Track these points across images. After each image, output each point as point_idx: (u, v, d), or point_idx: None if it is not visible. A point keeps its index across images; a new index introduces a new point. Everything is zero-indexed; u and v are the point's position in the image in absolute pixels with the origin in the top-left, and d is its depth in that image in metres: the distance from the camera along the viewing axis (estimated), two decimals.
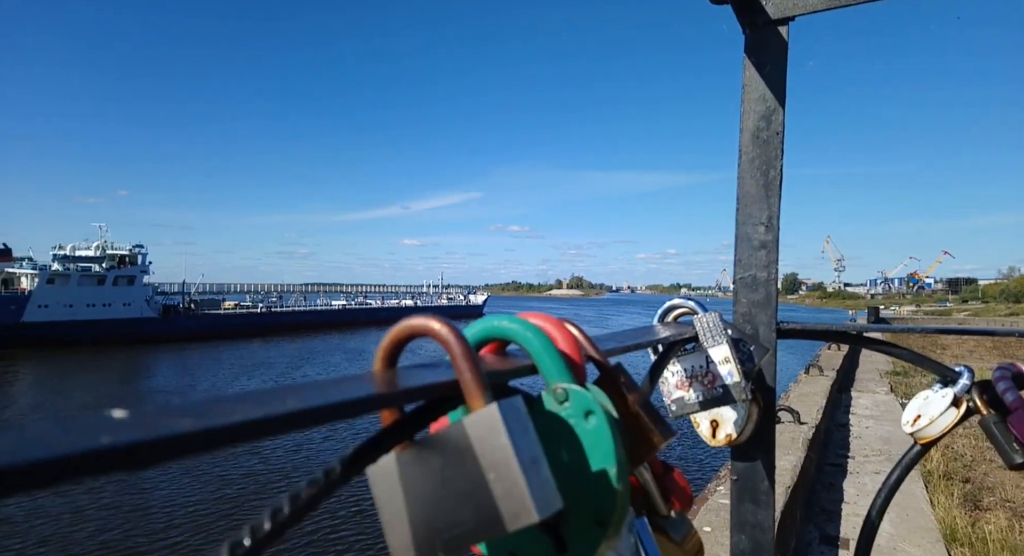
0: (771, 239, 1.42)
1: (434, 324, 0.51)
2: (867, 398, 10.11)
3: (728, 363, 1.16)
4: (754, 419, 1.38)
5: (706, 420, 1.42)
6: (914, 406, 1.37)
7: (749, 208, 1.43)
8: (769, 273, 1.42)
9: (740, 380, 1.15)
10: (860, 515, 5.24)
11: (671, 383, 1.20)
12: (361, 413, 0.43)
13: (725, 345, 1.17)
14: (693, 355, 1.19)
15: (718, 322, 1.19)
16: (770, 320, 1.41)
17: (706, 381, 1.17)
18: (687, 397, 1.18)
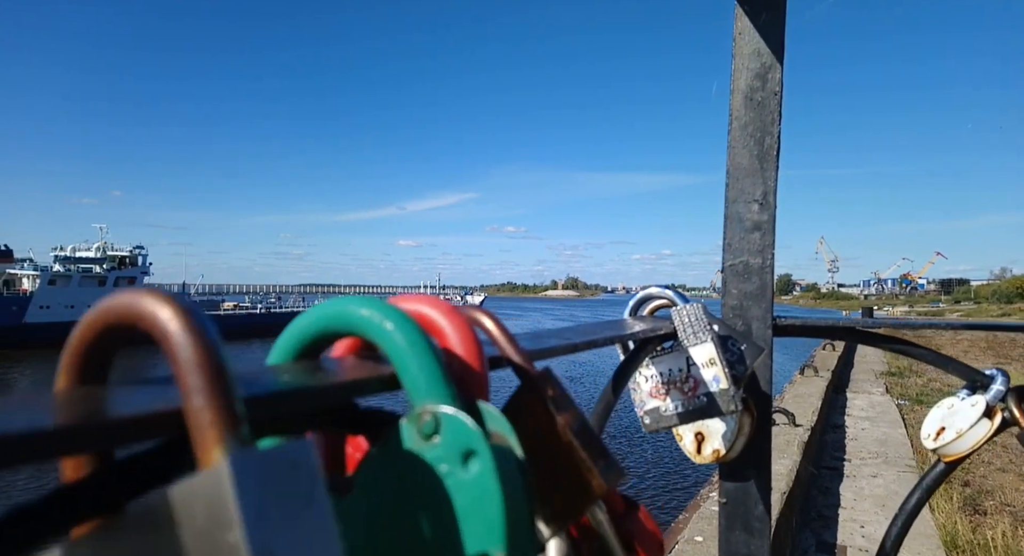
0: (766, 219, 1.19)
1: (148, 304, 0.27)
2: (863, 399, 9.87)
3: (714, 366, 0.93)
4: (746, 432, 1.15)
5: (690, 433, 1.19)
6: (936, 417, 1.14)
7: (741, 183, 1.20)
8: (764, 259, 1.19)
9: (728, 386, 0.92)
10: (857, 520, 5.01)
11: (644, 390, 0.97)
12: (28, 460, 0.22)
13: (710, 343, 0.94)
14: (671, 356, 0.96)
15: (701, 315, 0.95)
16: (765, 314, 1.18)
17: (687, 388, 0.94)
18: (664, 408, 0.95)
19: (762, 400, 1.17)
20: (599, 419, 0.74)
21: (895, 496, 5.56)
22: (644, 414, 0.96)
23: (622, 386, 0.83)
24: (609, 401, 0.77)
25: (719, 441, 1.14)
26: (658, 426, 0.95)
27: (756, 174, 1.19)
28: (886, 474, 6.15)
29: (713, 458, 1.15)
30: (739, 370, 0.99)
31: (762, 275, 1.19)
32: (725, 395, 0.91)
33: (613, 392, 0.79)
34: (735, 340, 1.01)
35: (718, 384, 0.92)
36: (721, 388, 0.91)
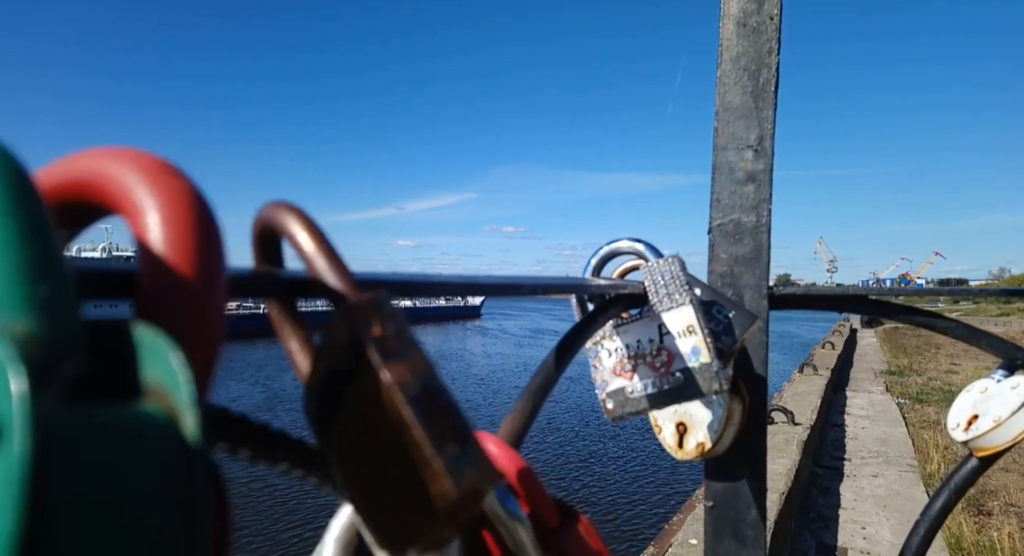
0: (762, 169, 0.98)
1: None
2: (862, 398, 9.63)
3: (693, 335, 0.73)
4: (736, 421, 0.94)
5: (670, 423, 0.99)
6: (966, 403, 0.93)
7: (732, 125, 1.00)
8: (759, 217, 0.99)
9: (711, 361, 0.71)
10: (857, 521, 4.79)
11: (607, 368, 0.77)
12: None
13: (688, 307, 0.73)
14: (640, 324, 0.76)
15: (678, 272, 0.75)
16: (759, 282, 0.98)
17: (659, 363, 0.74)
18: (630, 388, 0.75)
19: (756, 384, 0.96)
20: (533, 399, 0.54)
21: (896, 496, 5.34)
22: (606, 397, 0.76)
23: (569, 357, 0.63)
24: (549, 376, 0.57)
25: (704, 433, 0.94)
26: (623, 412, 0.75)
27: (750, 115, 0.99)
28: (887, 474, 5.92)
29: (697, 453, 0.95)
30: (725, 342, 0.78)
31: (756, 236, 0.98)
32: (707, 371, 0.70)
33: (556, 365, 0.59)
34: (722, 306, 0.81)
35: (698, 357, 0.71)
36: (702, 362, 0.71)
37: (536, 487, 0.46)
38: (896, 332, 20.43)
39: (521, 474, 0.46)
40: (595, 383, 0.77)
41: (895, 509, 5.05)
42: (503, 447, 0.46)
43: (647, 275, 0.76)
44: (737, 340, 0.78)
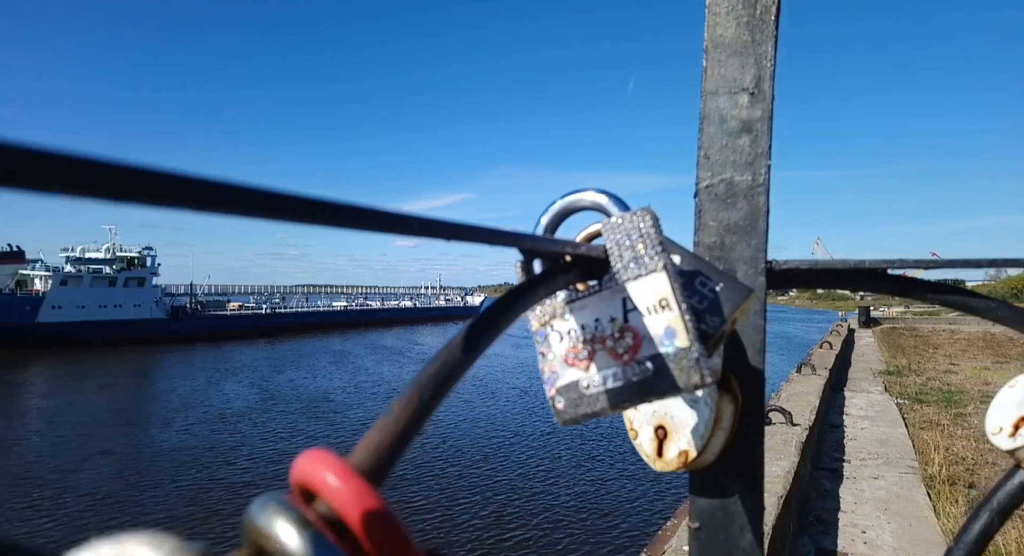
0: (760, 116, 0.80)
1: None
2: (861, 398, 9.41)
3: (667, 310, 0.54)
4: (726, 424, 0.75)
5: (647, 426, 0.80)
6: (1010, 401, 0.73)
7: (723, 65, 0.81)
8: (756, 175, 0.80)
9: (690, 344, 0.53)
10: (858, 525, 4.60)
11: (557, 355, 0.58)
12: None
13: (661, 274, 0.55)
14: (599, 298, 0.57)
15: (649, 230, 0.57)
16: (756, 255, 0.79)
17: (622, 348, 0.55)
18: (586, 382, 0.56)
19: (751, 378, 0.78)
20: (412, 404, 0.35)
21: (897, 499, 5.15)
22: (556, 393, 0.57)
23: (486, 339, 0.44)
24: (446, 369, 0.37)
25: (687, 439, 0.76)
26: (577, 413, 0.56)
27: (746, 51, 0.80)
28: (887, 476, 5.73)
29: (680, 463, 0.77)
30: (711, 322, 0.60)
31: (752, 199, 0.80)
32: (684, 359, 0.52)
33: (464, 351, 0.40)
34: (707, 277, 0.62)
35: (673, 341, 0.53)
36: (678, 347, 0.52)
37: (390, 537, 0.28)
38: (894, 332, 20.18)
39: (368, 519, 0.28)
40: (542, 376, 0.59)
41: (896, 512, 4.85)
42: (348, 478, 0.28)
43: (608, 234, 0.58)
44: (726, 320, 0.60)
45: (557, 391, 0.57)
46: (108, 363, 27.39)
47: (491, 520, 8.38)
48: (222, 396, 17.56)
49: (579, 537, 7.78)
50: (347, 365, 25.29)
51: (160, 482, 10.11)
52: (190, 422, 14.32)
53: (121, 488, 9.84)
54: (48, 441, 12.62)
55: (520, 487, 9.64)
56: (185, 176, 0.19)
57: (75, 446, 12.20)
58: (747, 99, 0.80)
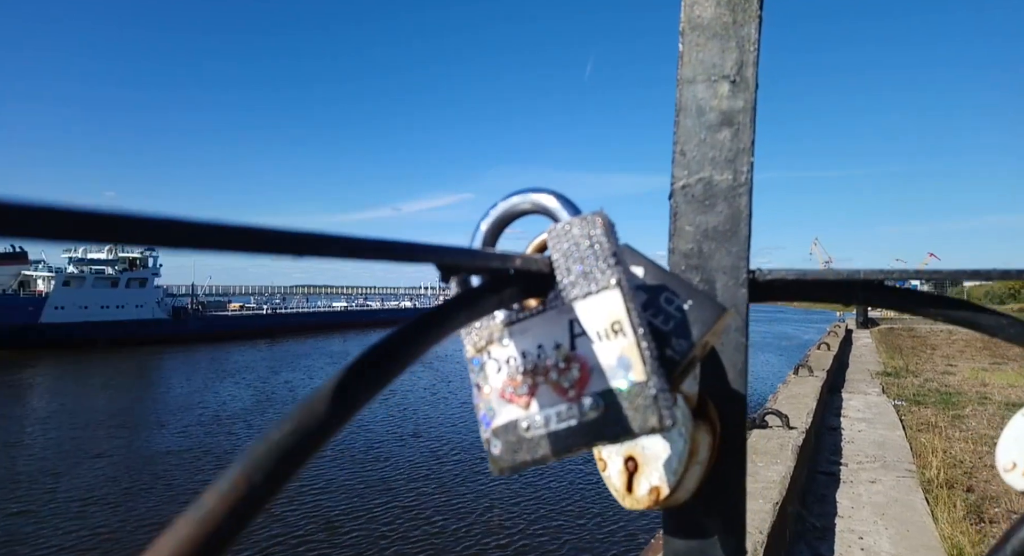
0: (742, 107, 0.70)
1: None
2: (859, 400, 9.30)
3: (620, 336, 0.45)
4: (703, 458, 0.66)
5: (616, 456, 0.70)
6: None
7: (702, 49, 0.71)
8: (737, 174, 0.71)
9: (647, 378, 0.43)
10: (855, 531, 4.49)
11: (493, 388, 0.49)
12: None
13: (615, 292, 0.46)
14: (542, 320, 0.48)
15: (601, 239, 0.47)
16: (737, 264, 0.70)
17: (567, 381, 0.46)
18: (526, 422, 0.46)
19: (731, 405, 0.68)
20: (255, 476, 0.26)
21: (895, 503, 5.04)
22: (492, 436, 0.47)
23: (389, 372, 0.35)
24: (309, 424, 0.28)
25: (659, 473, 0.66)
26: (515, 460, 0.46)
27: (726, 33, 0.71)
28: (885, 479, 5.62)
29: (651, 501, 0.67)
30: (678, 347, 0.50)
31: (733, 200, 0.71)
32: (639, 395, 0.43)
33: (339, 400, 0.30)
34: (673, 293, 0.52)
35: (627, 373, 0.43)
36: (633, 380, 0.43)
37: None
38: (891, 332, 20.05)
39: None
40: (477, 413, 0.49)
41: (894, 517, 4.75)
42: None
43: (554, 243, 0.48)
44: (695, 344, 0.50)
45: (493, 433, 0.47)
46: (109, 364, 27.33)
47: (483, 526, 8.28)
48: (219, 397, 17.45)
49: (571, 543, 7.68)
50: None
51: (153, 486, 9.99)
52: (185, 424, 14.21)
53: (113, 492, 9.73)
54: (41, 443, 12.52)
55: (509, 491, 9.53)
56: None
57: (70, 448, 12.10)
58: (727, 88, 0.71)
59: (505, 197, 0.53)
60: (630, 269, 0.54)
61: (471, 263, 0.40)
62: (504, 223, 0.53)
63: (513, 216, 0.53)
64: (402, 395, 16.31)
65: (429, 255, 0.38)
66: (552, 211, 0.50)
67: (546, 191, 0.51)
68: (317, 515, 8.70)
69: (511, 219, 0.53)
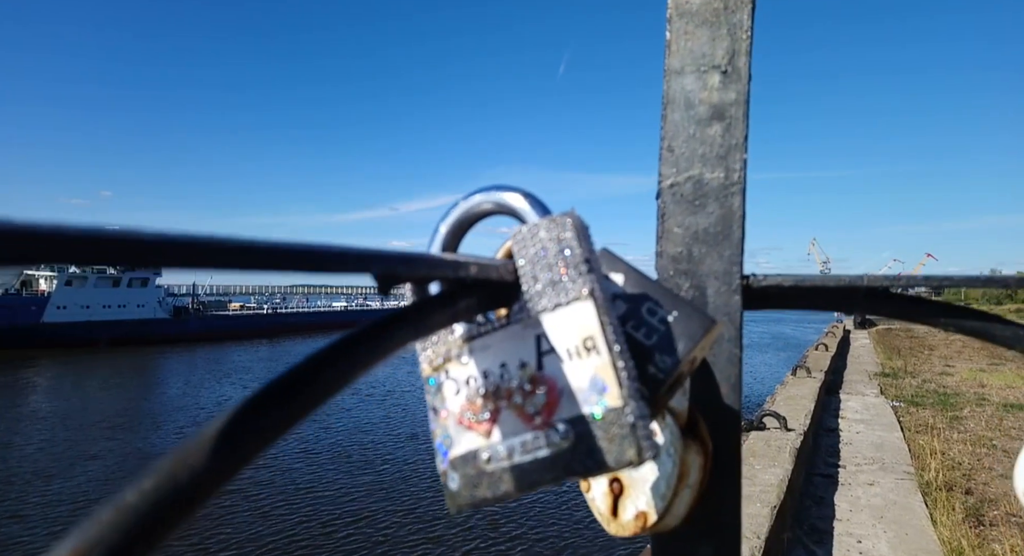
0: (734, 100, 0.65)
1: None
2: (856, 401, 9.24)
3: (593, 354, 0.39)
4: (693, 481, 0.60)
5: (601, 478, 0.64)
6: None
7: (690, 37, 0.66)
8: (729, 172, 0.65)
9: (623, 404, 0.37)
10: (853, 534, 4.44)
11: (451, 412, 0.43)
12: None
13: (586, 302, 0.39)
14: (504, 335, 0.42)
15: (572, 242, 0.41)
16: (729, 269, 0.64)
17: (532, 406, 0.40)
18: (487, 453, 0.41)
19: (724, 422, 0.62)
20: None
21: (893, 506, 4.98)
22: (448, 468, 0.42)
23: (306, 403, 0.29)
24: (180, 479, 0.22)
25: (646, 497, 0.60)
26: (474, 496, 0.41)
27: (717, 20, 0.65)
28: (883, 482, 5.56)
29: (638, 527, 0.61)
30: (662, 363, 0.45)
31: (725, 200, 0.65)
32: (615, 423, 0.37)
33: (236, 446, 0.24)
34: (656, 304, 0.47)
35: (601, 397, 0.38)
36: (607, 406, 0.37)
37: None
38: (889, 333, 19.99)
39: None
40: (433, 440, 0.43)
41: (892, 520, 4.69)
42: None
43: (519, 247, 0.43)
44: (681, 360, 0.45)
45: (451, 464, 0.42)
46: (110, 364, 27.26)
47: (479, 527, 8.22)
48: (216, 398, 17.39)
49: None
50: None
51: None
52: (181, 425, 14.14)
53: (105, 494, 9.64)
54: (36, 445, 12.45)
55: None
56: None
57: (63, 450, 12.03)
58: (719, 79, 0.65)
59: (467, 196, 0.47)
60: (608, 277, 0.48)
61: (415, 272, 0.34)
62: (466, 225, 0.47)
63: (476, 217, 0.47)
64: (399, 396, 16.25)
65: (362, 263, 0.32)
66: (519, 212, 0.44)
67: (513, 189, 0.45)
68: (312, 518, 8.64)
69: (474, 220, 0.47)
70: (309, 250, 0.29)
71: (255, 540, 7.82)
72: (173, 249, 0.23)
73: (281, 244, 0.28)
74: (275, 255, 0.27)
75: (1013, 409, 8.95)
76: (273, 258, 0.27)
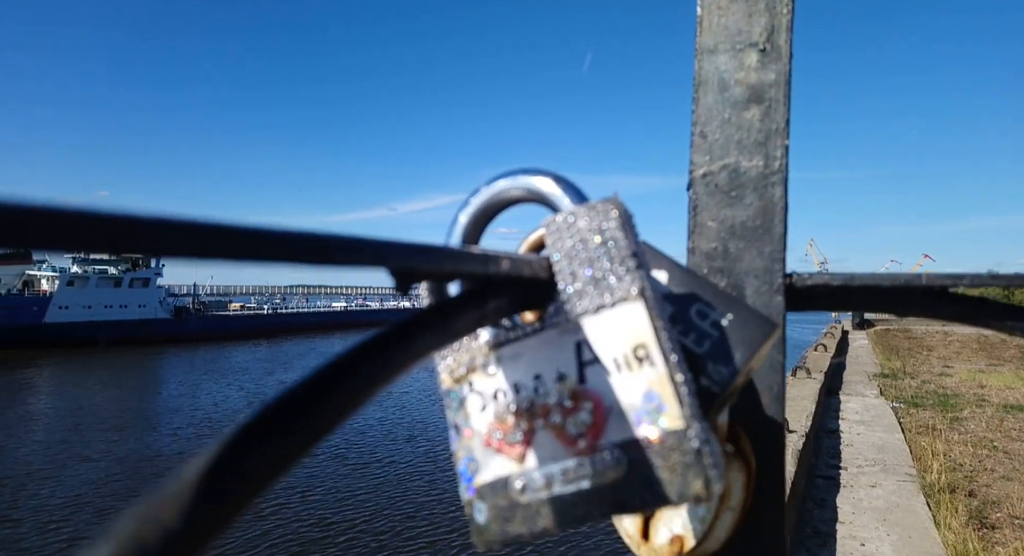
0: (774, 80, 0.59)
1: None
2: (856, 402, 9.19)
3: (646, 364, 0.32)
4: (736, 502, 0.54)
5: None
6: None
7: (723, 13, 0.60)
8: (769, 160, 0.59)
9: (685, 424, 0.31)
10: (856, 537, 4.38)
11: (477, 430, 0.36)
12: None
13: (637, 303, 0.33)
14: (540, 343, 0.35)
15: (617, 232, 0.35)
16: (770, 267, 0.58)
17: (574, 426, 0.33)
18: (521, 481, 0.34)
19: (767, 435, 0.56)
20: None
21: (896, 508, 4.93)
22: (475, 498, 0.35)
23: (324, 425, 0.24)
24: (147, 542, 0.17)
25: (683, 520, 0.54)
26: (506, 532, 0.34)
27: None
28: (885, 484, 5.51)
29: (673, 552, 0.55)
30: (717, 375, 0.39)
31: (765, 191, 0.59)
32: (677, 448, 0.31)
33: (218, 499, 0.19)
34: (707, 305, 0.41)
35: (657, 417, 0.31)
36: (666, 428, 0.31)
37: None
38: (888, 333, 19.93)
39: None
40: (456, 463, 0.37)
41: (895, 523, 4.64)
42: None
43: (553, 239, 0.36)
44: (739, 371, 0.38)
45: (477, 494, 0.35)
46: (110, 364, 27.15)
47: None
48: (213, 398, 17.28)
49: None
50: None
51: (140, 491, 9.81)
52: (176, 426, 14.02)
53: (97, 497, 9.54)
54: (28, 447, 12.33)
55: None
56: None
57: (58, 451, 11.93)
58: (756, 58, 0.59)
59: (490, 181, 0.41)
60: (648, 270, 0.42)
61: (437, 267, 0.28)
62: (490, 214, 0.41)
63: (500, 205, 0.41)
64: (397, 397, 16.16)
65: (378, 255, 0.26)
66: (550, 198, 0.38)
67: (543, 172, 0.39)
68: (309, 519, 8.57)
69: (498, 209, 0.41)
70: (319, 240, 0.23)
71: (252, 543, 7.75)
72: (167, 235, 0.17)
73: (287, 232, 0.22)
74: (280, 244, 0.21)
75: (1013, 410, 8.89)
76: (278, 247, 0.21)
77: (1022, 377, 11.58)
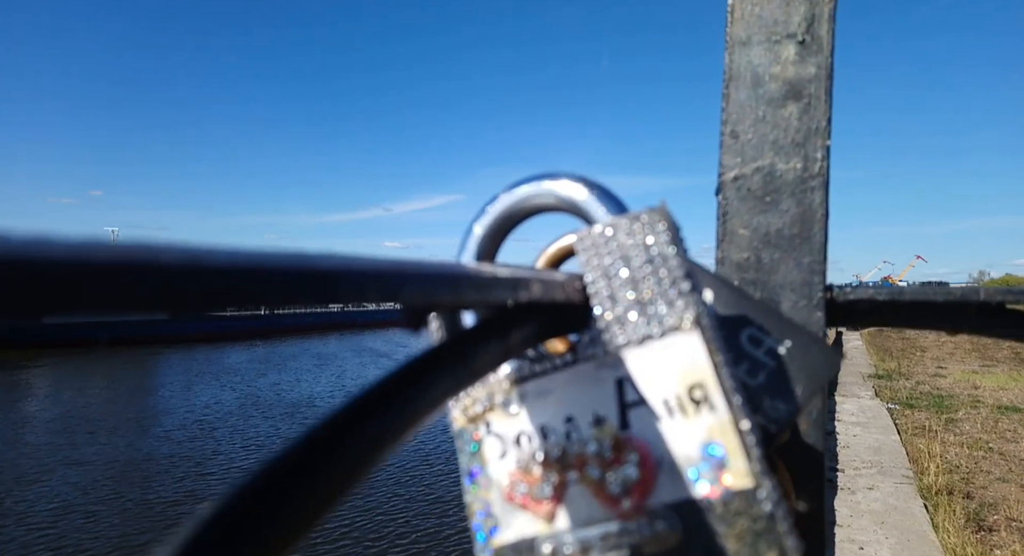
0: (814, 75, 0.53)
1: None
2: (852, 403, 9.17)
3: (704, 408, 0.26)
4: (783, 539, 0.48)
5: None
6: None
7: (757, 1, 0.54)
8: (808, 162, 0.53)
9: (755, 482, 0.25)
10: (855, 540, 4.33)
11: (495, 480, 0.31)
12: None
13: (692, 335, 0.27)
14: (572, 378, 0.30)
15: (666, 249, 0.29)
16: (810, 279, 0.52)
17: (618, 483, 0.27)
18: (551, 545, 0.28)
19: (807, 465, 0.51)
20: None
21: (894, 511, 4.89)
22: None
23: (341, 487, 0.18)
24: None
25: None
26: None
27: None
28: (883, 486, 5.47)
29: None
30: (775, 413, 0.33)
31: (804, 196, 0.54)
32: (745, 513, 0.25)
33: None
34: (760, 328, 0.35)
35: (719, 472, 0.25)
36: (731, 486, 0.25)
37: None
38: (881, 334, 19.96)
39: None
40: (470, 517, 0.32)
41: (893, 526, 4.60)
42: None
43: (587, 257, 0.31)
44: (800, 409, 0.33)
45: (496, 552, 0.30)
46: (107, 364, 26.97)
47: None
48: (206, 400, 17.13)
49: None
50: (333, 368, 24.78)
51: (130, 493, 9.66)
52: (167, 429, 13.86)
53: (86, 502, 9.40)
54: (17, 450, 12.17)
55: None
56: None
57: (47, 453, 11.78)
58: (795, 50, 0.54)
59: (509, 187, 0.35)
60: (702, 292, 0.36)
61: (458, 299, 0.22)
62: (509, 225, 0.36)
63: (522, 215, 0.35)
64: None
65: (386, 288, 0.20)
66: (582, 207, 0.33)
67: (573, 177, 0.33)
68: None
69: (520, 219, 0.35)
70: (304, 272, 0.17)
71: None
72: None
73: (277, 269, 0.16)
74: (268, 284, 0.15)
75: (1007, 411, 8.88)
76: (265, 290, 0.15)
77: (1015, 378, 11.59)
